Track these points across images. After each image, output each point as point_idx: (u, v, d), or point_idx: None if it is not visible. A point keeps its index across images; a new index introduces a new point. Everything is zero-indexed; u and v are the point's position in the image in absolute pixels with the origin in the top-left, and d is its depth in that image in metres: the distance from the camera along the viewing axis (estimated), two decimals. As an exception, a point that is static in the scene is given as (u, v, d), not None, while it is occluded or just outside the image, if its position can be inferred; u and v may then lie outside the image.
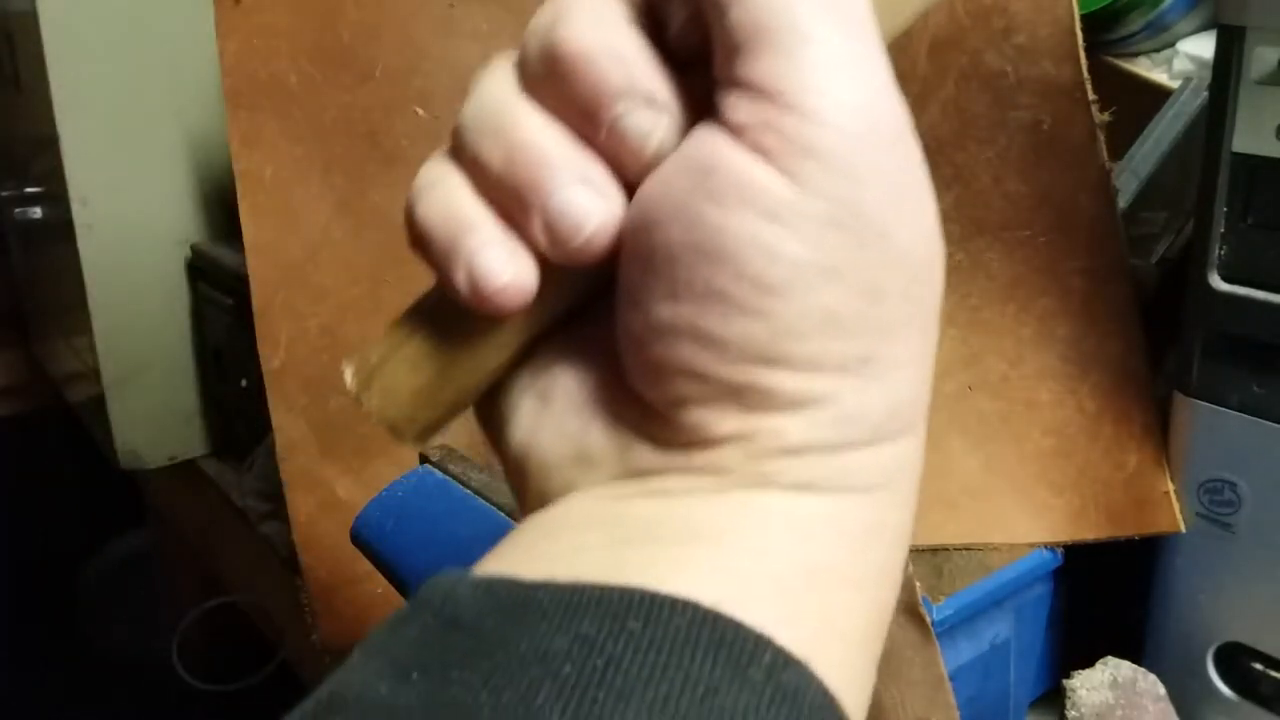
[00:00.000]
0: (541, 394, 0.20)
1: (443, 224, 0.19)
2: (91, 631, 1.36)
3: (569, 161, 0.18)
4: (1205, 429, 0.40)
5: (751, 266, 0.17)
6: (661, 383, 0.18)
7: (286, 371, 0.50)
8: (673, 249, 0.17)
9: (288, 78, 0.49)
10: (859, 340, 0.17)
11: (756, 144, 0.17)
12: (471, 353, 0.20)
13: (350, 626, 0.53)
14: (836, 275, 0.17)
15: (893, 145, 0.17)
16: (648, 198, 0.18)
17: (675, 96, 0.18)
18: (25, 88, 0.85)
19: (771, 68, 0.17)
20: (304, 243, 0.50)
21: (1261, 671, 0.41)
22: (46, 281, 1.00)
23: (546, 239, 0.18)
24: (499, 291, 0.18)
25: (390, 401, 0.20)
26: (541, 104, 0.19)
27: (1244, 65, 0.37)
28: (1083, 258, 0.42)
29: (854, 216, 0.17)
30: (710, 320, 0.17)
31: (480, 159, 0.19)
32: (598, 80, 0.18)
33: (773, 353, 0.17)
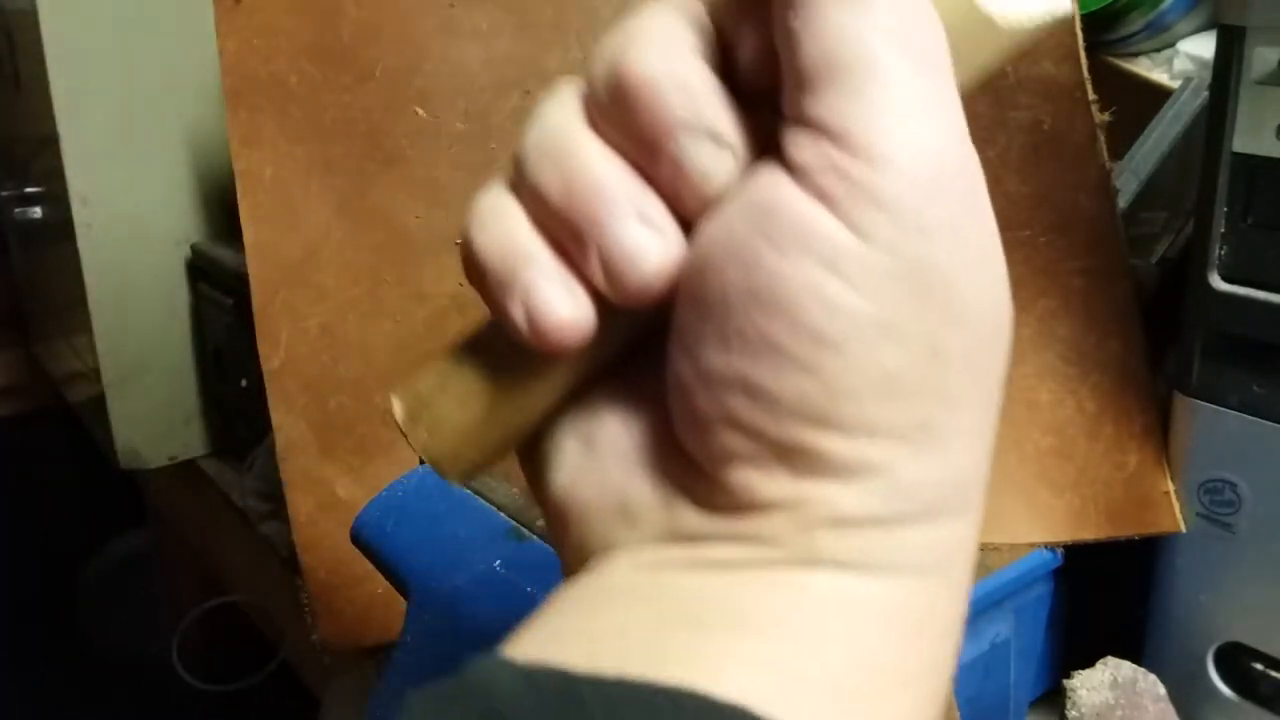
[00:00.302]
0: (586, 440, 0.19)
1: (500, 256, 0.18)
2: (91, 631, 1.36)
3: (628, 195, 0.17)
4: (1205, 429, 0.40)
5: (809, 318, 0.16)
6: (708, 436, 0.17)
7: (286, 371, 0.50)
8: (728, 294, 0.16)
9: (288, 77, 0.49)
10: (918, 405, 0.16)
11: (820, 188, 0.16)
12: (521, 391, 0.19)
13: (350, 626, 0.53)
14: (897, 334, 0.16)
15: (964, 199, 0.16)
16: (706, 238, 0.17)
17: (741, 133, 0.17)
18: (25, 87, 0.85)
19: (840, 106, 0.16)
20: (304, 242, 0.50)
21: (1261, 672, 0.41)
22: (46, 281, 1.00)
23: (603, 276, 0.18)
24: (556, 328, 0.18)
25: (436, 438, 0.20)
26: (604, 134, 0.18)
27: (1244, 65, 0.37)
28: (1083, 258, 0.42)
29: (919, 272, 0.16)
30: (762, 372, 0.16)
31: (539, 188, 0.18)
32: (661, 111, 0.17)
33: (826, 413, 0.16)
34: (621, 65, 0.17)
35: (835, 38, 0.16)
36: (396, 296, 0.50)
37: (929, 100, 0.16)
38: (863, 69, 0.16)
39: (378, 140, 0.49)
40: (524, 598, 0.37)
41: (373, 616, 0.52)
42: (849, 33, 0.16)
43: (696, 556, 0.17)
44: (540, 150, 0.18)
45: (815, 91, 0.16)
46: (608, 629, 0.17)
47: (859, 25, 0.16)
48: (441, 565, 0.39)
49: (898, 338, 0.16)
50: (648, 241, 0.17)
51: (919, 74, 0.16)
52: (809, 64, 0.16)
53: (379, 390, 0.51)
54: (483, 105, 0.49)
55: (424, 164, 0.49)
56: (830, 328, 0.16)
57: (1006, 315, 0.17)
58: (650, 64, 0.17)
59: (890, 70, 0.16)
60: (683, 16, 0.18)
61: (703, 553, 0.17)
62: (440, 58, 0.48)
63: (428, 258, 0.50)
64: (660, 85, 0.17)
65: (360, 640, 0.52)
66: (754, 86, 0.18)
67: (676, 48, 0.17)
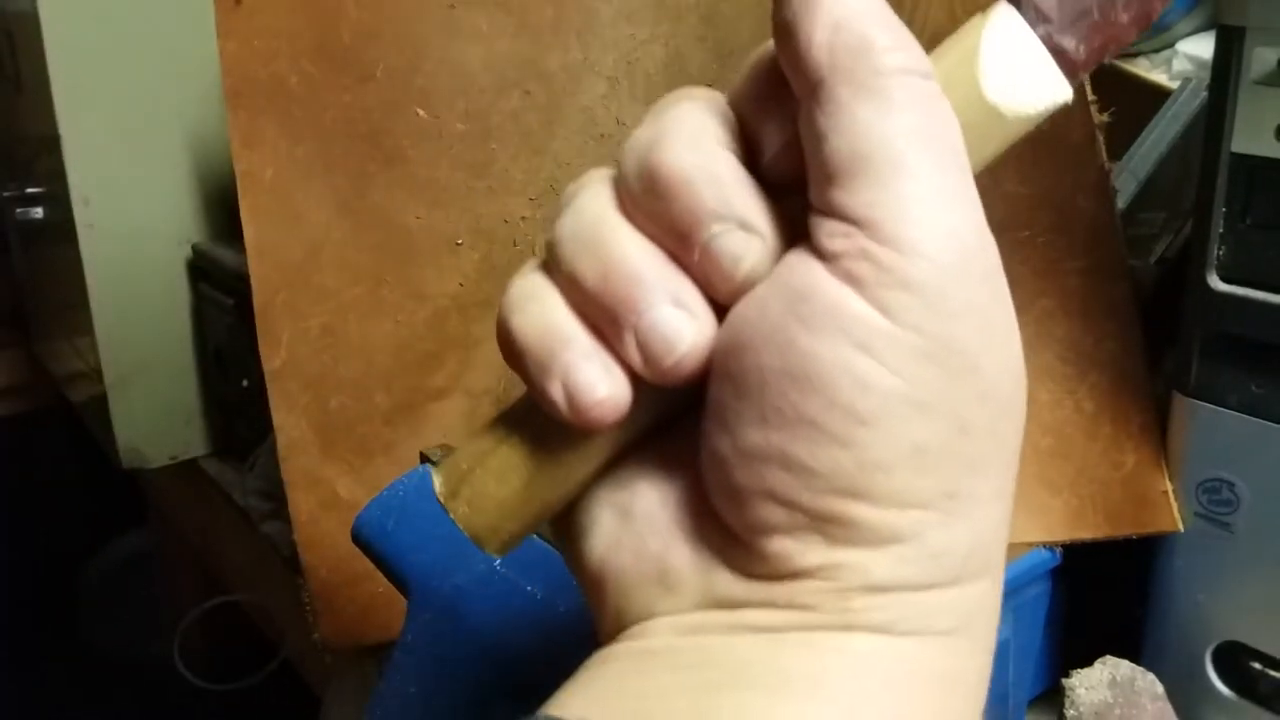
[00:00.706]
0: (622, 509, 0.20)
1: (539, 338, 0.19)
2: (92, 631, 1.36)
3: (663, 281, 0.18)
4: (1204, 429, 0.40)
5: (843, 396, 0.17)
6: (746, 508, 0.18)
7: (287, 371, 0.50)
8: (764, 374, 0.17)
9: (288, 78, 0.49)
10: (946, 475, 0.17)
11: (851, 273, 0.17)
12: (558, 466, 0.20)
13: (351, 626, 0.53)
14: (927, 408, 0.17)
15: (985, 279, 0.17)
16: (741, 320, 0.18)
17: (769, 220, 0.18)
18: (26, 88, 0.85)
19: (867, 198, 0.17)
20: (305, 243, 0.50)
21: (1260, 671, 0.41)
22: (48, 281, 1.00)
23: (639, 357, 0.18)
24: (595, 406, 0.19)
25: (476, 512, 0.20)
26: (637, 222, 0.19)
27: (1243, 66, 0.37)
28: (1081, 258, 0.42)
29: (946, 350, 0.17)
30: (799, 448, 0.17)
31: (576, 275, 0.19)
32: (693, 202, 0.18)
33: (860, 485, 0.17)
34: (654, 159, 0.18)
35: (862, 135, 0.17)
36: (397, 297, 0.50)
37: (950, 191, 0.17)
38: (889, 164, 0.17)
39: (378, 141, 0.49)
40: (524, 597, 0.38)
41: (373, 615, 0.52)
42: (875, 130, 0.17)
43: (736, 621, 0.18)
44: (577, 238, 0.19)
45: (844, 185, 0.17)
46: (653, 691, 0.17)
47: (884, 124, 0.17)
48: (442, 564, 0.39)
49: (927, 412, 0.17)
50: (682, 324, 0.18)
51: (940, 167, 0.17)
52: (837, 159, 0.17)
53: (380, 390, 0.51)
54: (483, 105, 0.49)
55: (425, 164, 0.49)
56: (863, 404, 0.17)
57: (1023, 383, 0.19)
58: (681, 157, 0.18)
59: (914, 164, 0.17)
60: (709, 110, 0.19)
61: (742, 617, 0.18)
62: (441, 58, 0.49)
63: (428, 258, 0.50)
64: (691, 177, 0.18)
65: (361, 639, 0.53)
66: (778, 172, 0.19)
67: (705, 141, 0.19)
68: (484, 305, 0.51)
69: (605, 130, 0.49)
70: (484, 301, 0.51)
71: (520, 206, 0.50)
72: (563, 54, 0.48)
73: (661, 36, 0.48)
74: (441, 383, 0.51)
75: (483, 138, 0.49)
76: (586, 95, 0.49)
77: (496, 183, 0.49)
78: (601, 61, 0.48)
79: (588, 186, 0.20)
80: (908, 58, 0.18)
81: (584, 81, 0.49)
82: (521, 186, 0.50)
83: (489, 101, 0.49)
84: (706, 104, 0.19)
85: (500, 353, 0.20)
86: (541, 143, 0.49)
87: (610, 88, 0.49)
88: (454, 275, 0.50)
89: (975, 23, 0.20)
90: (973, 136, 0.18)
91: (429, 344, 0.51)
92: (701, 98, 0.20)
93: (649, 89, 0.49)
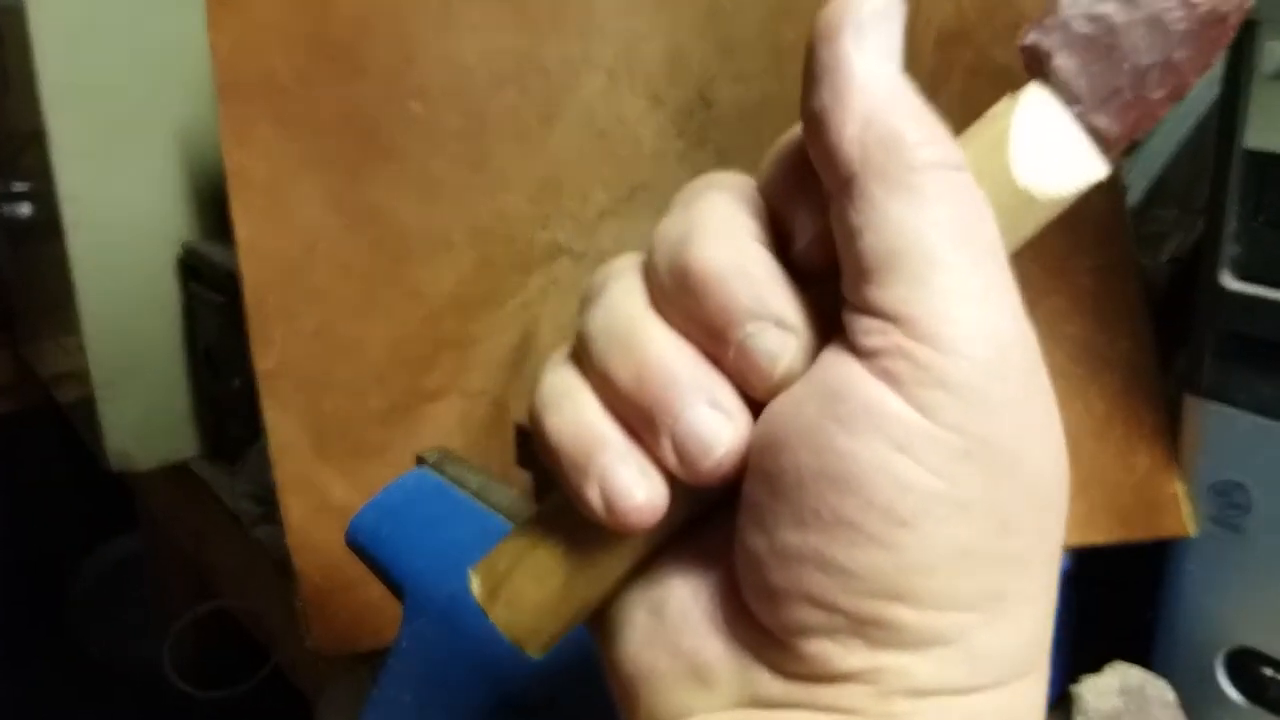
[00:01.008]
0: (655, 607, 0.20)
1: (574, 439, 0.19)
2: (82, 636, 1.34)
3: (698, 382, 0.18)
4: (1216, 430, 0.40)
5: (881, 496, 0.17)
6: (783, 609, 0.18)
7: (279, 372, 0.50)
8: (801, 474, 0.17)
9: (280, 73, 0.48)
10: (990, 575, 0.17)
11: (887, 371, 0.17)
12: (595, 565, 0.20)
13: (344, 631, 0.52)
14: (967, 508, 0.17)
15: (1024, 375, 0.17)
16: (776, 419, 0.18)
17: (804, 316, 0.18)
18: (13, 84, 0.84)
19: (903, 294, 0.17)
20: (297, 241, 0.49)
21: (1272, 677, 0.41)
22: (35, 280, 0.99)
23: (675, 459, 0.18)
24: (633, 511, 0.18)
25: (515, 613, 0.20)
26: (669, 319, 0.19)
27: (1256, 61, 0.36)
28: (1092, 256, 0.42)
29: (985, 449, 0.17)
30: (837, 549, 0.17)
31: (609, 375, 0.19)
32: (727, 301, 0.18)
33: (901, 587, 0.17)
34: (686, 256, 0.18)
35: (896, 231, 0.17)
36: (392, 296, 0.49)
37: (986, 285, 0.17)
38: (924, 260, 0.17)
39: (373, 136, 0.48)
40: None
41: (367, 621, 0.51)
42: (908, 226, 0.17)
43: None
44: (609, 336, 0.19)
45: (879, 281, 0.17)
46: None
47: (917, 219, 0.17)
48: (437, 569, 0.39)
49: (968, 512, 0.17)
50: (719, 426, 0.18)
51: (975, 261, 0.17)
52: (871, 255, 0.17)
53: (374, 391, 0.50)
54: (479, 100, 0.48)
55: (420, 160, 0.48)
56: (902, 505, 0.17)
57: (1065, 476, 0.18)
58: (714, 256, 0.18)
59: (949, 260, 0.17)
60: (740, 201, 0.19)
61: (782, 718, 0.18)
62: (436, 52, 0.48)
63: (424, 256, 0.49)
64: (725, 276, 0.18)
65: (354, 645, 0.52)
66: (810, 261, 0.19)
67: (738, 237, 0.18)
68: (481, 304, 0.50)
69: (604, 126, 0.48)
70: (481, 300, 0.50)
71: (518, 203, 0.49)
72: (561, 48, 0.48)
73: (662, 30, 0.47)
74: (437, 383, 0.50)
75: (479, 133, 0.48)
76: (585, 90, 0.48)
77: (494, 179, 0.49)
78: (600, 55, 0.48)
79: (618, 278, 0.20)
80: (940, 151, 0.17)
81: (583, 76, 0.48)
82: (519, 183, 0.49)
83: (485, 96, 0.48)
84: (736, 193, 0.19)
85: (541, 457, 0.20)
86: (539, 139, 0.48)
87: (610, 82, 0.48)
88: (450, 273, 0.49)
89: (1005, 105, 0.19)
90: (1007, 221, 0.18)
91: (424, 344, 0.50)
92: (731, 186, 0.19)
93: (649, 83, 0.48)
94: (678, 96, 0.48)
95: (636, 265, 0.20)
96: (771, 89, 0.46)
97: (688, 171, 0.48)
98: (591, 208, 0.49)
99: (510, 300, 0.50)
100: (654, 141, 0.48)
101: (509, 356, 0.50)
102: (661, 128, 0.48)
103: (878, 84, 0.17)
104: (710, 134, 0.49)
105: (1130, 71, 0.19)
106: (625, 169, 0.49)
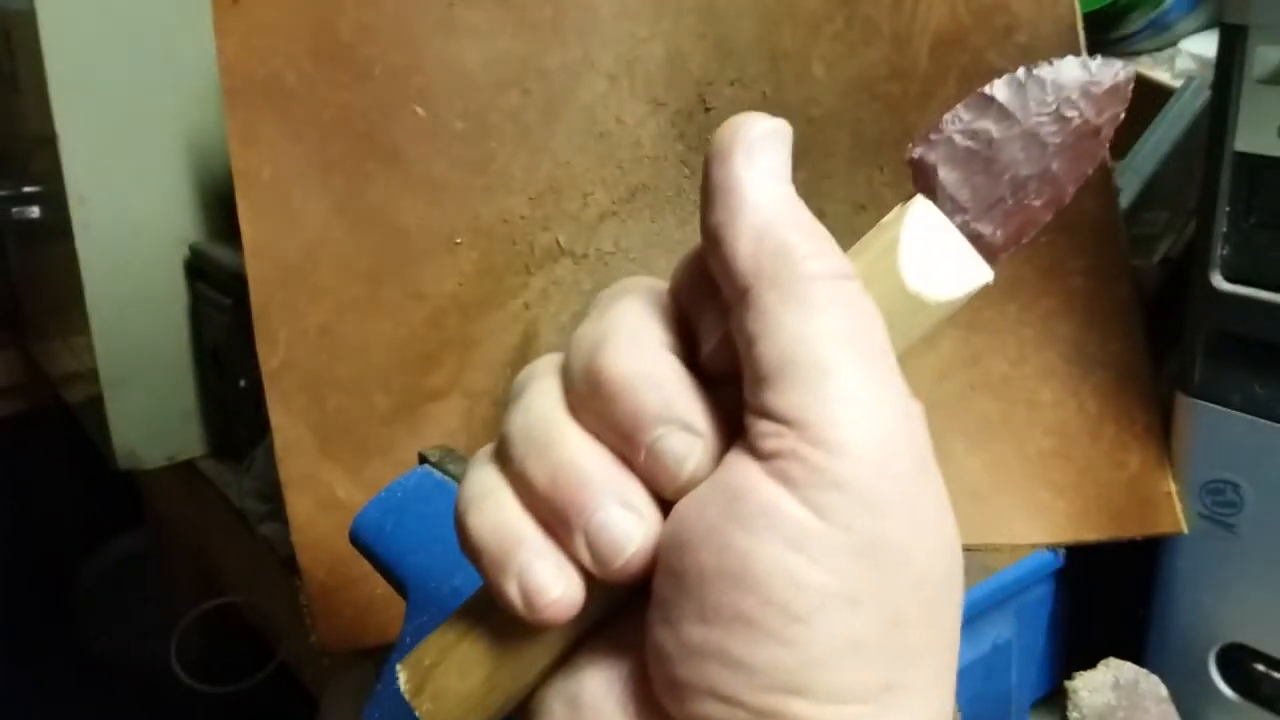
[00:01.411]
0: (570, 699, 0.20)
1: (494, 537, 0.20)
2: (89, 632, 1.35)
3: (610, 483, 0.19)
4: (1207, 429, 0.40)
5: (778, 594, 0.17)
6: (688, 702, 0.18)
7: (285, 372, 0.50)
8: (704, 571, 0.18)
9: (286, 76, 0.49)
10: (883, 668, 0.18)
11: (783, 473, 0.18)
12: (517, 659, 0.21)
13: (349, 628, 0.52)
14: (860, 604, 0.17)
15: (913, 474, 0.18)
16: (683, 519, 0.19)
17: (709, 419, 0.19)
18: (23, 87, 0.85)
19: (797, 400, 0.18)
20: (303, 242, 0.50)
21: (1264, 673, 0.41)
22: (44, 281, 1.00)
23: (589, 557, 0.19)
24: (550, 606, 0.19)
25: (441, 706, 0.21)
26: (584, 422, 0.20)
27: (1246, 64, 0.37)
28: (1084, 257, 0.42)
29: (876, 546, 0.17)
30: (738, 645, 0.18)
31: (527, 476, 0.20)
32: (636, 406, 0.19)
33: (798, 681, 0.17)
34: (598, 363, 0.19)
35: (789, 340, 0.18)
36: (395, 296, 0.50)
37: (875, 389, 0.18)
38: (814, 367, 0.18)
39: (376, 139, 0.49)
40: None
41: (371, 617, 0.52)
42: (801, 335, 0.18)
43: None
44: (527, 440, 0.20)
45: (775, 387, 0.18)
46: None
47: (809, 328, 0.18)
48: (440, 566, 0.39)
49: (860, 607, 0.17)
50: (629, 526, 0.19)
51: (865, 366, 0.18)
52: (767, 362, 0.18)
53: (378, 390, 0.51)
54: (482, 104, 0.49)
55: (423, 163, 0.49)
56: (797, 602, 0.17)
57: (958, 568, 0.19)
58: (624, 363, 0.19)
59: (839, 366, 0.18)
60: (651, 308, 0.20)
61: None
62: (439, 56, 0.48)
63: (427, 257, 0.50)
64: (634, 383, 0.19)
65: (359, 641, 0.52)
66: (717, 364, 0.20)
67: (647, 344, 0.19)
68: (483, 305, 0.50)
69: (605, 128, 0.49)
70: (483, 301, 0.50)
71: (519, 205, 0.50)
72: (562, 52, 0.48)
73: (661, 34, 0.48)
74: (440, 383, 0.51)
75: (481, 136, 0.49)
76: (586, 93, 0.49)
77: (495, 181, 0.49)
78: (601, 59, 0.48)
79: (537, 381, 0.21)
80: (828, 262, 0.18)
81: (583, 79, 0.48)
82: (521, 185, 0.49)
83: (488, 100, 0.49)
84: (647, 299, 0.20)
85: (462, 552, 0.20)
86: (541, 141, 0.49)
87: (610, 85, 0.48)
88: (453, 274, 0.50)
89: (895, 215, 0.20)
90: (898, 325, 0.19)
91: (427, 344, 0.50)
92: (642, 291, 0.20)
93: (649, 86, 0.48)
94: (677, 100, 0.48)
95: (555, 368, 0.21)
96: (769, 93, 0.47)
97: (687, 174, 0.49)
98: (592, 209, 0.50)
99: (512, 301, 0.50)
100: (654, 144, 0.49)
101: (510, 356, 0.50)
102: (661, 130, 0.48)
103: (769, 201, 0.18)
104: (709, 137, 0.49)
105: (1010, 182, 0.20)
106: (625, 171, 0.49)
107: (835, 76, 0.45)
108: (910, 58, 0.44)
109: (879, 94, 0.45)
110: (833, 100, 0.45)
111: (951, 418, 0.44)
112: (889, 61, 0.44)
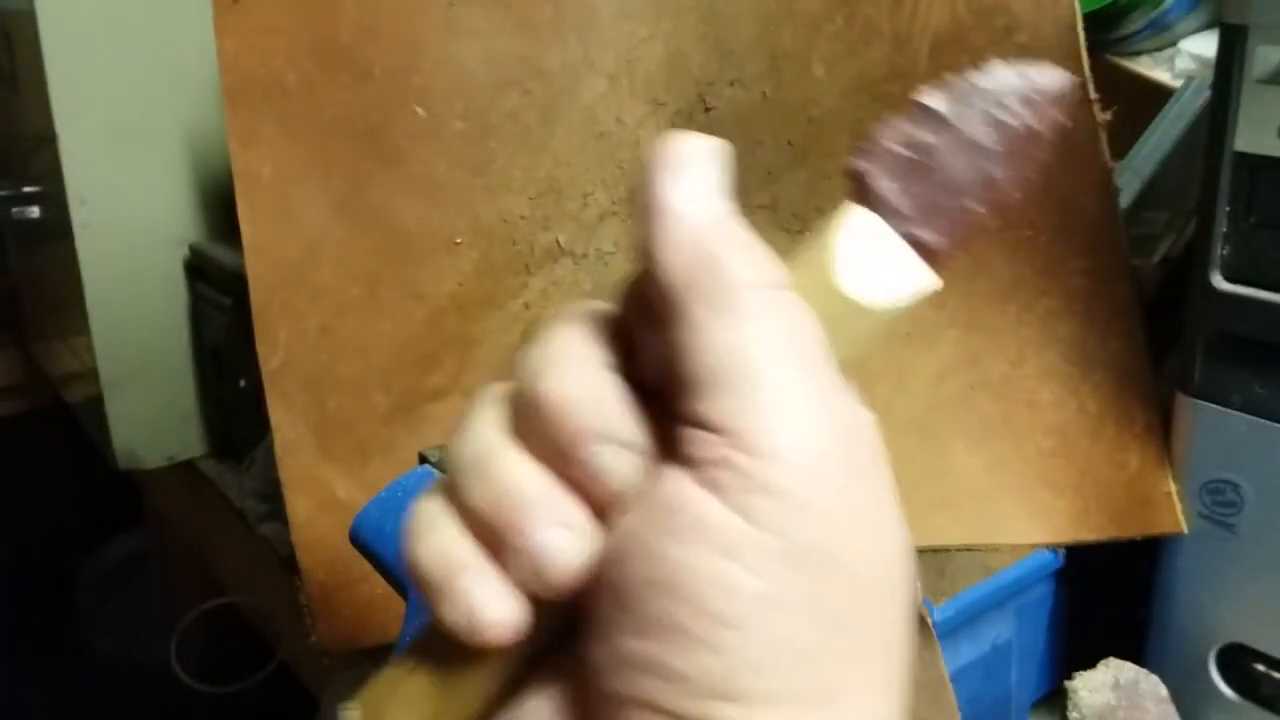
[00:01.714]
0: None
1: (437, 566, 0.20)
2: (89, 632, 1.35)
3: (549, 504, 0.19)
4: (1207, 429, 0.40)
5: (710, 602, 0.17)
6: (620, 714, 0.18)
7: (285, 372, 0.50)
8: (637, 583, 0.18)
9: (286, 76, 0.49)
10: (817, 672, 0.18)
11: (713, 481, 0.18)
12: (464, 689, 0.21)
13: (349, 628, 0.52)
14: (792, 608, 0.17)
15: (848, 479, 0.18)
16: (619, 532, 0.19)
17: (647, 435, 0.19)
18: (23, 87, 0.85)
19: (727, 408, 0.18)
20: (303, 242, 0.50)
21: (1264, 673, 0.41)
22: (44, 281, 1.00)
23: (529, 578, 0.19)
24: (491, 627, 0.19)
25: None
26: (528, 445, 0.20)
27: (1246, 64, 0.37)
28: (1084, 257, 0.42)
29: (808, 551, 0.18)
30: (670, 654, 0.18)
31: (469, 501, 0.20)
32: (573, 425, 0.19)
33: (729, 686, 0.17)
34: (537, 387, 0.19)
35: (720, 349, 0.18)
36: (395, 296, 0.50)
37: (808, 395, 0.18)
38: (745, 375, 0.18)
39: (377, 139, 0.49)
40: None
41: (371, 617, 0.52)
42: (732, 343, 0.18)
43: None
44: (468, 465, 0.20)
45: (705, 396, 0.18)
46: None
47: (738, 336, 0.18)
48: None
49: (793, 612, 0.17)
50: (568, 544, 0.19)
51: (797, 373, 0.18)
52: (697, 372, 0.18)
53: (378, 390, 0.51)
54: (482, 104, 0.49)
55: (423, 163, 0.49)
56: (729, 608, 0.17)
57: (901, 573, 0.19)
58: (561, 385, 0.19)
59: (770, 373, 0.18)
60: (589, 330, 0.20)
61: None
62: (439, 56, 0.48)
63: (427, 257, 0.50)
64: (571, 403, 0.19)
65: (359, 641, 0.52)
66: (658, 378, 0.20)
67: (584, 365, 0.20)
68: (483, 305, 0.50)
69: (605, 128, 0.49)
70: (483, 301, 0.50)
71: (519, 205, 0.50)
72: (562, 52, 0.48)
73: (661, 34, 0.48)
74: (440, 383, 0.51)
75: (482, 136, 0.49)
76: (586, 93, 0.49)
77: (495, 181, 0.49)
78: (601, 59, 0.48)
79: (481, 409, 0.21)
80: (760, 271, 0.19)
81: (583, 79, 0.48)
82: (521, 185, 0.49)
83: (488, 100, 0.49)
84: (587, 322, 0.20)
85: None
86: (541, 141, 0.49)
87: (610, 86, 0.48)
88: (453, 274, 0.50)
89: (831, 223, 0.20)
90: (839, 331, 0.19)
91: (427, 344, 0.50)
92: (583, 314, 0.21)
93: (649, 87, 0.48)
94: (677, 100, 0.48)
95: (500, 396, 0.21)
96: (769, 93, 0.47)
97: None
98: (592, 209, 0.50)
99: (512, 301, 0.50)
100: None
101: (510, 357, 0.50)
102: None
103: (696, 215, 0.19)
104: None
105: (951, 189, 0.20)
106: (625, 171, 0.49)
107: (835, 76, 0.45)
108: (910, 58, 0.44)
109: (879, 94, 0.45)
110: (833, 100, 0.45)
111: (951, 418, 0.44)
112: (889, 61, 0.44)
